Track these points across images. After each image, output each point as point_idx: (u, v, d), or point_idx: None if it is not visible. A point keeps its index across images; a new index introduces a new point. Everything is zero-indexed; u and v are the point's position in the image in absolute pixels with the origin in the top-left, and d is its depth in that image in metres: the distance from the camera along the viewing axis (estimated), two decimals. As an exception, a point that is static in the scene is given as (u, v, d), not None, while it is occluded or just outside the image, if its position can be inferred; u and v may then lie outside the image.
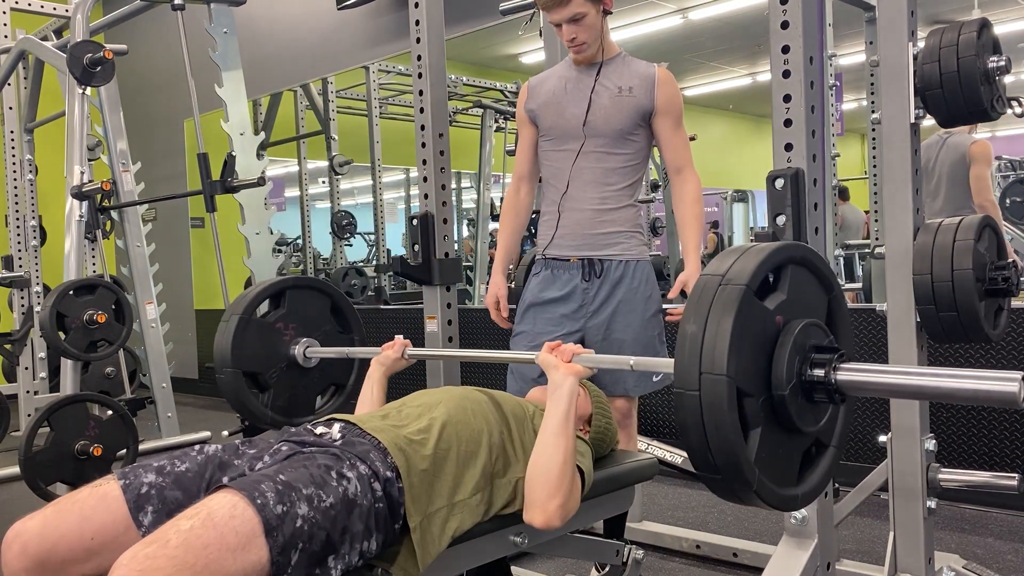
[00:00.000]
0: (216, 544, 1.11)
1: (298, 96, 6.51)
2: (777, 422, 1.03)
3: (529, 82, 2.30)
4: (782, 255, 1.06)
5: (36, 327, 3.87)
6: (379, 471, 1.33)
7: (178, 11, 3.11)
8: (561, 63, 2.29)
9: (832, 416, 1.11)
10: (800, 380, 1.03)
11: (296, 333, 2.00)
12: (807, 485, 1.10)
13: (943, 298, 1.79)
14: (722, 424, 0.96)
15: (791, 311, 1.06)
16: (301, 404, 2.04)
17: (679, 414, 1.00)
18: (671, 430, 3.86)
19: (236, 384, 1.92)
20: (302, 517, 1.19)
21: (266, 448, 1.41)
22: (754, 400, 1.00)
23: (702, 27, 8.57)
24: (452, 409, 1.52)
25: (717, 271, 1.02)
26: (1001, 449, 3.01)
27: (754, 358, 1.01)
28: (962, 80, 1.72)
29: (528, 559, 2.54)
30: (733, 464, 0.98)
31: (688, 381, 0.98)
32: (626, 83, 2.15)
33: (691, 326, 1.00)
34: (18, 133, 4.62)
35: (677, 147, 2.20)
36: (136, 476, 1.32)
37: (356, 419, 1.47)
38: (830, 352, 1.05)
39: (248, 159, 3.36)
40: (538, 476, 1.46)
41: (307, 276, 2.37)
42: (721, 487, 1.02)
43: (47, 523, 1.26)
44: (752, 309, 1.00)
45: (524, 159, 2.31)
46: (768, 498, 1.02)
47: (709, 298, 1.00)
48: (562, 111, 2.19)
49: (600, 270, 2.16)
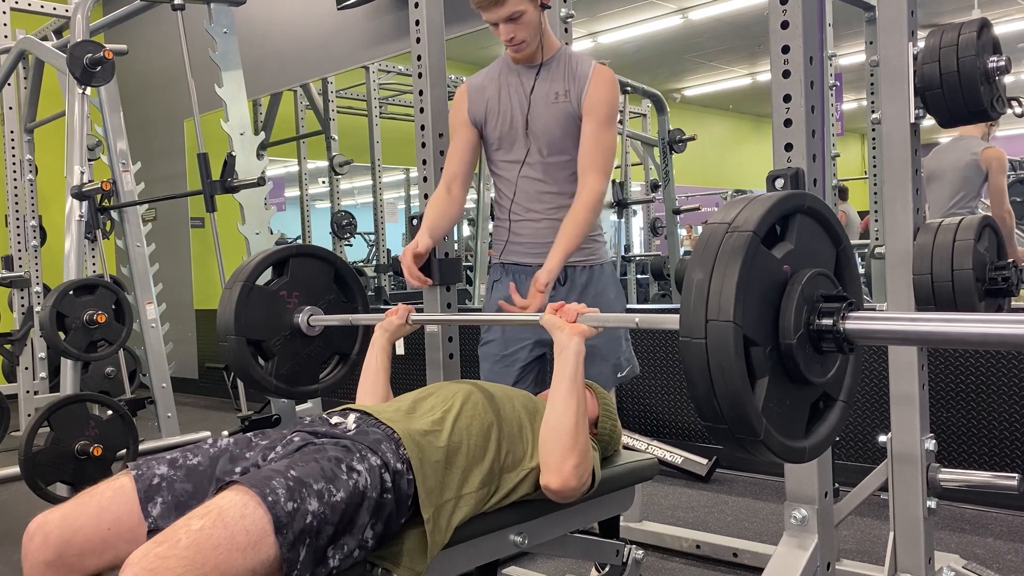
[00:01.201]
0: (226, 544, 1.12)
1: (298, 96, 6.51)
2: (785, 372, 1.01)
3: (468, 85, 2.19)
4: (790, 204, 1.04)
5: (36, 327, 3.87)
6: (390, 462, 1.33)
7: (178, 11, 3.11)
8: (497, 63, 2.18)
9: (841, 368, 1.09)
10: (808, 329, 1.02)
11: (299, 301, 1.98)
12: (815, 438, 1.08)
13: (943, 298, 1.79)
14: (728, 371, 0.94)
15: (799, 261, 1.04)
16: (305, 373, 2.03)
17: (685, 362, 0.98)
18: (671, 430, 3.86)
19: (240, 351, 1.90)
20: (312, 513, 1.20)
21: (279, 439, 1.41)
22: (761, 349, 0.98)
23: (702, 27, 8.57)
24: (465, 403, 1.53)
25: (724, 219, 1.00)
26: (1001, 449, 3.01)
27: (761, 307, 0.99)
28: (962, 80, 1.72)
29: (528, 559, 2.54)
30: (740, 413, 0.96)
31: (694, 329, 0.96)
32: (562, 87, 2.07)
33: (697, 274, 0.97)
34: (18, 133, 4.62)
35: (589, 148, 2.04)
36: (148, 468, 1.34)
37: (372, 410, 1.48)
38: (838, 301, 1.02)
39: (248, 159, 3.35)
40: (551, 439, 1.48)
41: (310, 244, 2.35)
42: (727, 437, 1.00)
43: (67, 515, 1.29)
44: (759, 257, 0.98)
45: (458, 160, 2.15)
46: (775, 448, 1.00)
47: (716, 245, 0.98)
48: (507, 120, 2.11)
49: (564, 277, 2.11)
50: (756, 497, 3.29)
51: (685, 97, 11.20)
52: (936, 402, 3.10)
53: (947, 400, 3.10)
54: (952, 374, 3.10)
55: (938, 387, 3.10)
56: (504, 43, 2.05)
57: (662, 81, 9.74)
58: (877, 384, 3.24)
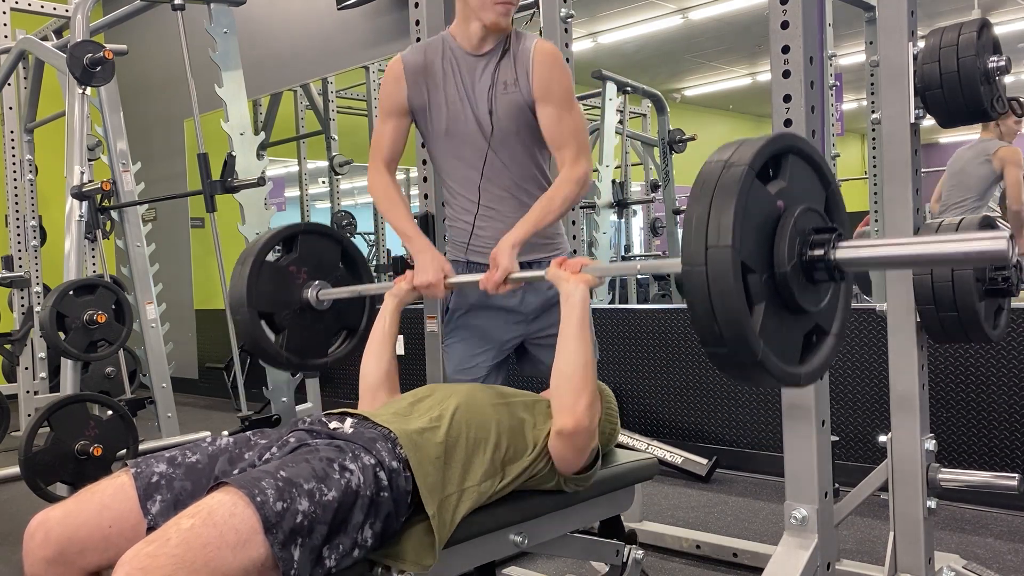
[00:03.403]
0: (216, 543, 1.12)
1: (298, 96, 6.51)
2: (780, 300, 1.07)
3: (405, 65, 1.97)
4: (782, 143, 1.10)
5: (36, 327, 3.87)
6: (385, 461, 1.33)
7: (178, 11, 3.11)
8: (436, 42, 1.98)
9: (832, 300, 1.16)
10: (801, 259, 1.08)
11: (308, 277, 2.03)
12: (809, 366, 1.14)
13: (943, 298, 1.79)
14: (727, 294, 0.99)
15: (791, 198, 1.10)
16: (314, 346, 2.08)
17: (686, 291, 1.03)
18: (671, 430, 3.86)
19: (252, 324, 1.95)
20: (302, 513, 1.20)
21: (276, 439, 1.42)
22: (757, 277, 1.04)
23: (702, 27, 8.57)
24: (463, 399, 1.54)
25: (720, 158, 1.06)
26: (1001, 449, 3.01)
27: (757, 238, 1.05)
28: (962, 80, 1.72)
29: (528, 559, 2.54)
30: (738, 334, 1.01)
31: (695, 257, 1.01)
32: (511, 75, 1.89)
33: (697, 207, 1.03)
34: (18, 133, 4.62)
35: (559, 132, 1.88)
36: (147, 466, 1.35)
37: (369, 413, 1.49)
38: (829, 232, 1.10)
39: (248, 159, 3.35)
40: (563, 382, 1.53)
41: (317, 222, 2.38)
42: (726, 359, 1.04)
43: (68, 513, 1.29)
44: (754, 190, 1.04)
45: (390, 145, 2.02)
46: (773, 370, 1.05)
47: (713, 181, 1.03)
48: (458, 114, 1.94)
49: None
50: (756, 497, 3.29)
51: (685, 97, 11.20)
52: (936, 402, 3.10)
53: (947, 400, 3.10)
54: (952, 374, 3.10)
55: (938, 387, 3.10)
56: (495, 3, 1.85)
57: (662, 81, 9.74)
58: (877, 384, 3.24)
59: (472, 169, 1.96)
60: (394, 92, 1.98)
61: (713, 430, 3.73)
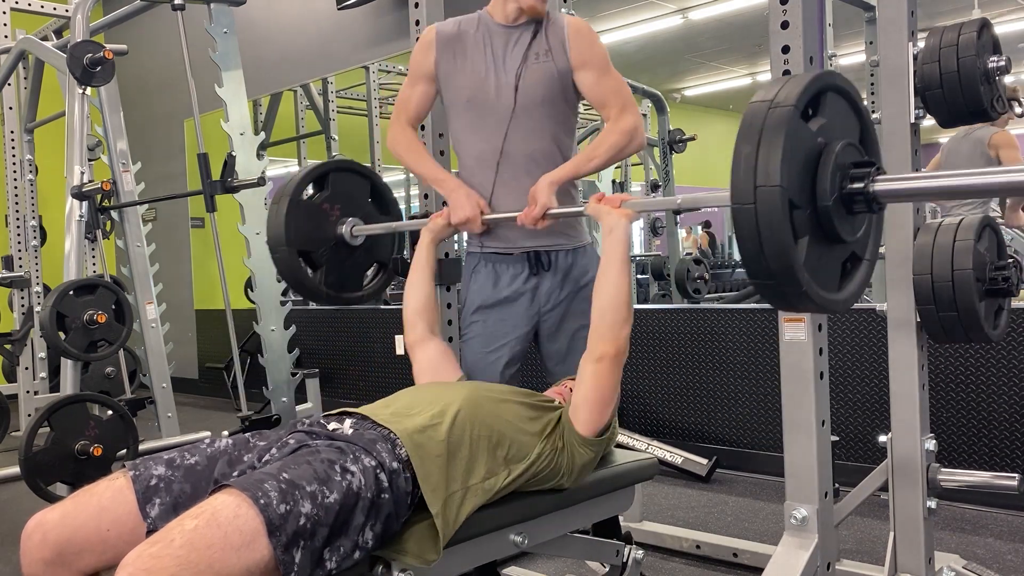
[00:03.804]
0: (220, 543, 1.12)
1: (298, 96, 6.51)
2: (822, 232, 1.14)
3: (438, 33, 2.01)
4: (822, 81, 1.17)
5: (36, 327, 3.87)
6: (385, 462, 1.33)
7: (178, 11, 3.11)
8: (474, 17, 2.02)
9: (867, 229, 1.24)
10: (841, 193, 1.15)
11: (341, 213, 2.10)
12: (846, 292, 1.23)
13: (943, 298, 1.79)
14: (776, 230, 1.07)
15: (831, 134, 1.16)
16: (350, 280, 2.18)
17: (736, 228, 1.10)
18: (671, 430, 3.86)
19: (291, 262, 2.03)
20: (305, 515, 1.20)
21: (275, 440, 1.42)
22: (801, 212, 1.11)
23: (702, 27, 8.58)
24: (464, 396, 1.54)
25: (764, 98, 1.12)
26: (1001, 449, 3.01)
27: (800, 174, 1.11)
28: (962, 80, 1.72)
29: (528, 559, 2.54)
30: (786, 267, 1.08)
31: (744, 196, 1.08)
32: (544, 46, 1.94)
33: (745, 146, 1.09)
34: (18, 133, 4.62)
35: (603, 92, 1.93)
36: (146, 468, 1.34)
37: (368, 413, 1.48)
38: (868, 166, 1.16)
39: (248, 159, 3.35)
40: (608, 311, 1.63)
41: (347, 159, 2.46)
42: (774, 291, 1.13)
43: (66, 514, 1.29)
44: (798, 129, 1.11)
45: (416, 107, 2.07)
46: (816, 299, 1.13)
47: (760, 121, 1.10)
48: (482, 82, 1.95)
49: (548, 262, 2.01)
50: (756, 497, 3.29)
51: (685, 97, 11.21)
52: (936, 402, 3.10)
53: (947, 400, 3.10)
54: (952, 374, 3.10)
55: (938, 387, 3.10)
56: None
57: (662, 81, 9.75)
58: (877, 384, 3.24)
59: (491, 142, 1.98)
60: (423, 59, 2.04)
61: (713, 430, 3.73)
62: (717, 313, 3.90)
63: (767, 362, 3.55)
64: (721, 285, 7.30)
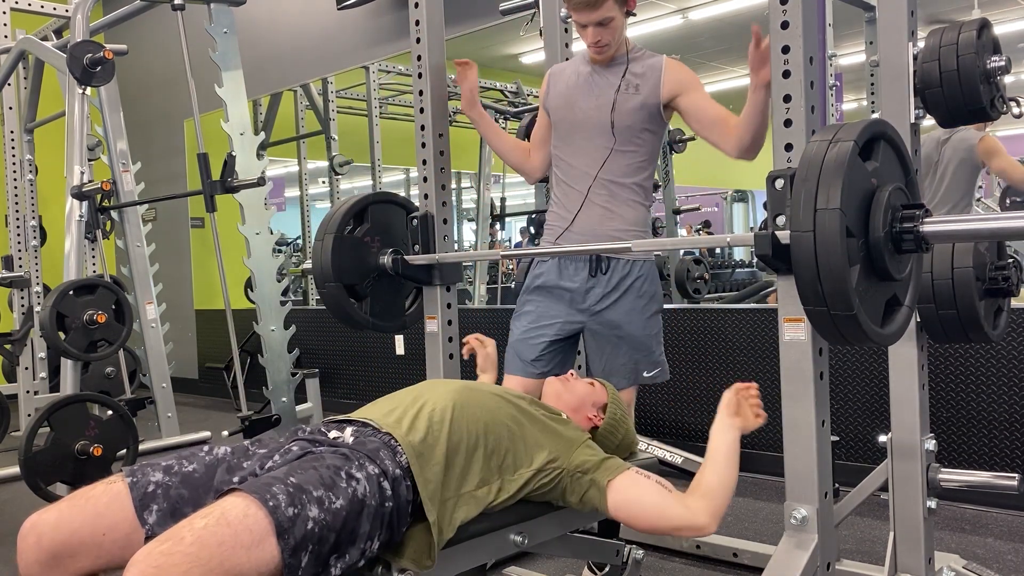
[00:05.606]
0: (231, 542, 1.12)
1: (298, 96, 6.51)
2: (871, 265, 1.21)
3: (551, 72, 2.31)
4: (878, 128, 1.26)
5: (36, 327, 3.87)
6: (388, 470, 1.34)
7: (178, 11, 3.11)
8: (578, 56, 2.29)
9: (911, 271, 1.31)
10: (892, 230, 1.23)
11: (381, 244, 2.17)
12: (890, 329, 1.29)
13: (943, 298, 1.79)
14: (832, 252, 1.13)
15: (882, 177, 1.24)
16: (393, 309, 2.25)
17: (794, 255, 1.17)
18: (671, 430, 3.86)
19: (338, 296, 2.10)
20: (313, 519, 1.20)
21: (276, 448, 1.41)
22: (855, 241, 1.17)
23: (702, 27, 8.57)
24: (458, 399, 1.53)
25: (824, 138, 1.21)
26: (1001, 449, 3.01)
27: (856, 207, 1.18)
28: (962, 80, 1.72)
29: (528, 559, 2.54)
30: (840, 291, 1.14)
31: (803, 223, 1.15)
32: (634, 80, 2.14)
33: (806, 181, 1.17)
34: (18, 133, 4.62)
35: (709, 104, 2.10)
36: (143, 475, 1.34)
37: (368, 419, 1.48)
38: (917, 208, 1.25)
39: (248, 159, 3.36)
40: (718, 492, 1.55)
41: (385, 191, 2.51)
42: (826, 318, 1.18)
43: (62, 517, 1.28)
44: (856, 165, 1.18)
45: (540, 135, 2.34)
46: (865, 326, 1.19)
47: (821, 155, 1.17)
48: (572, 107, 2.18)
49: (607, 267, 2.16)
50: (756, 497, 3.29)
51: (685, 97, 11.17)
52: (936, 402, 3.10)
53: (947, 400, 3.10)
54: (952, 374, 3.10)
55: (938, 387, 3.10)
56: (589, 45, 2.13)
57: (662, 81, 9.71)
58: (877, 384, 3.24)
59: (590, 163, 2.16)
60: (542, 94, 2.32)
61: (713, 430, 3.72)
62: (717, 313, 3.89)
63: (767, 362, 3.55)
64: (721, 285, 7.29)
